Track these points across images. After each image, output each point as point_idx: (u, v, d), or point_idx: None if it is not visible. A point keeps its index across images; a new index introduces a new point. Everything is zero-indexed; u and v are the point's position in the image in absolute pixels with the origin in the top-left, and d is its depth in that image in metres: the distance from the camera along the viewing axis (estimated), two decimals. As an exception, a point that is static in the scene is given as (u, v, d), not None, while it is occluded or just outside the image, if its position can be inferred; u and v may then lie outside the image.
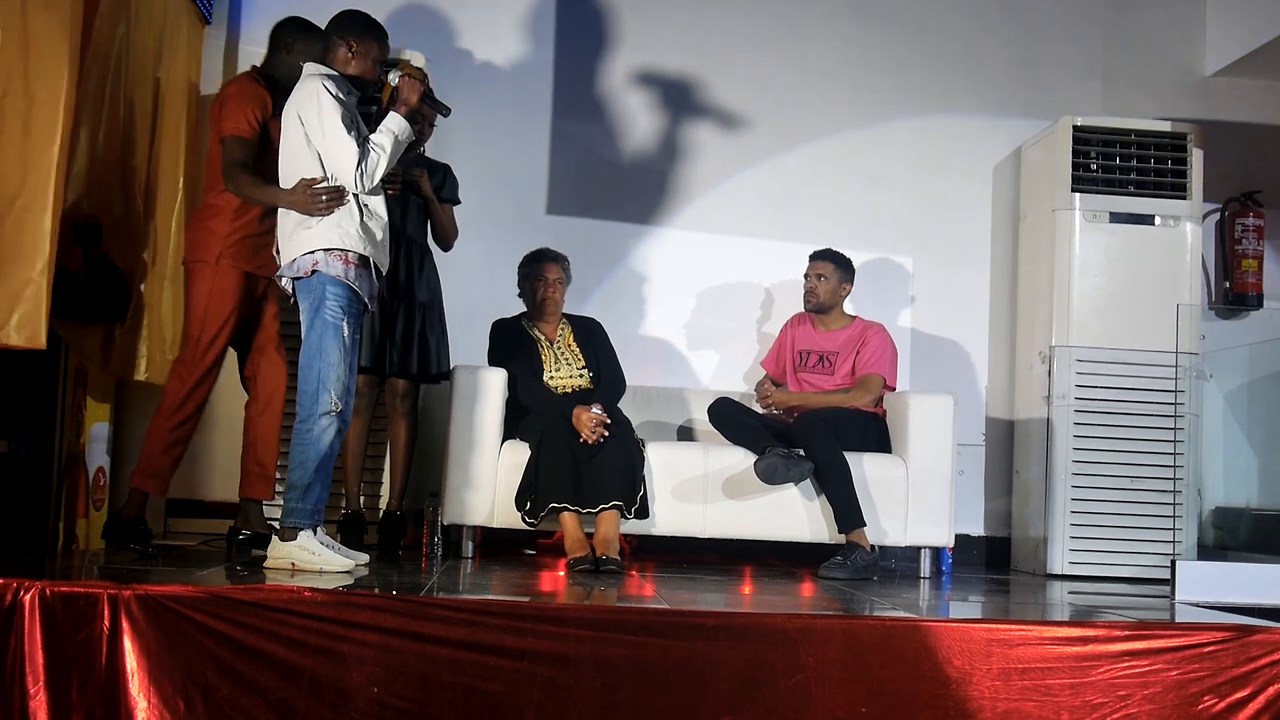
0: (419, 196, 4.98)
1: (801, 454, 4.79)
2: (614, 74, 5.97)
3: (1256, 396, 5.97)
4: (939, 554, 5.13)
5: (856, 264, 5.39)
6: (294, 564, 3.90)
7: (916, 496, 4.97)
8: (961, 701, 3.16)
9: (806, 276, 5.35)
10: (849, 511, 4.77)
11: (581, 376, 5.04)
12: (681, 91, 5.98)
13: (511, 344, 5.04)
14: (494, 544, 5.15)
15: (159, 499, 5.47)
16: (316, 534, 3.97)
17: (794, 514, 4.90)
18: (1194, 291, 5.61)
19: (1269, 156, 6.11)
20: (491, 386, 4.86)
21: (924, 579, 4.96)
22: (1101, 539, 5.45)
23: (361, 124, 4.03)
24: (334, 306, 3.91)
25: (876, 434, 5.12)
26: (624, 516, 4.59)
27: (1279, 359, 5.85)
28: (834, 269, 5.30)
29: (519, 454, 4.74)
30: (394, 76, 4.15)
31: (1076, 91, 6.10)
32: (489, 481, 4.81)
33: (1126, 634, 3.29)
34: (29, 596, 2.98)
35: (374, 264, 4.05)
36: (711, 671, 3.12)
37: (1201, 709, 3.23)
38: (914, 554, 5.10)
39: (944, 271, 6.03)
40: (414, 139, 4.43)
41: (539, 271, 5.09)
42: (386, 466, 5.11)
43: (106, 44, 4.45)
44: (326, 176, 3.95)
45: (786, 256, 5.71)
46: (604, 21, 5.99)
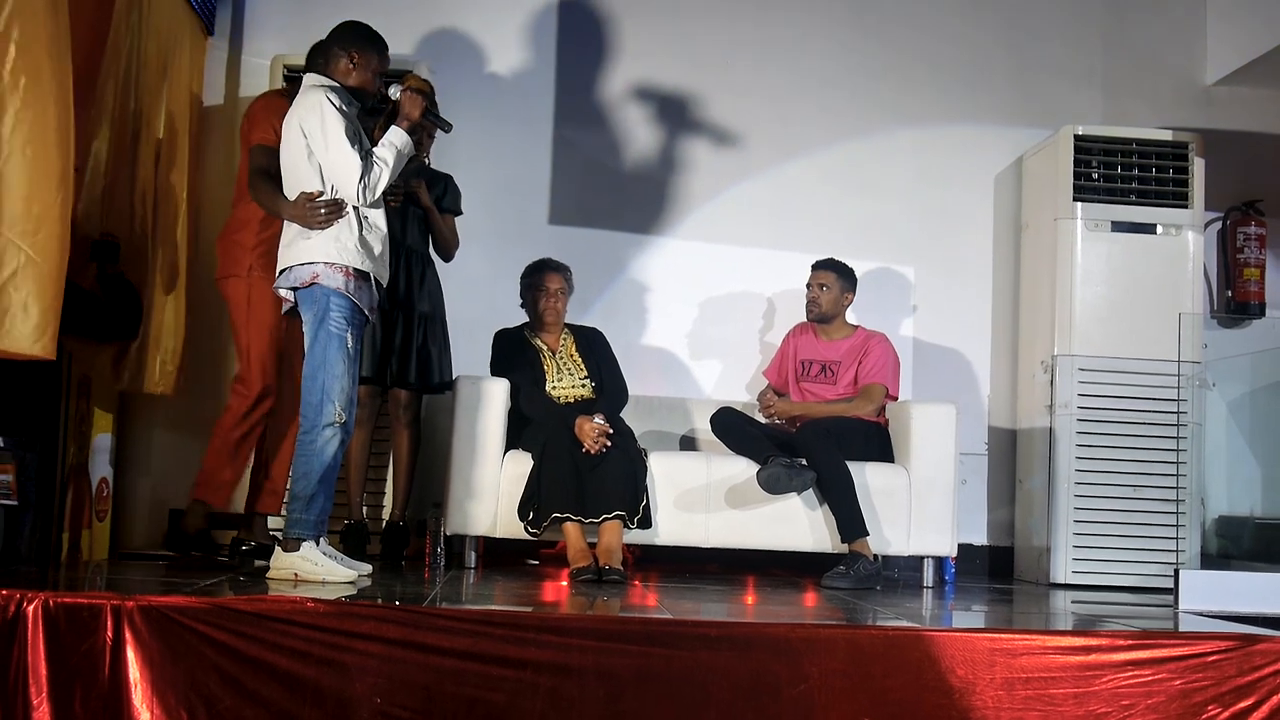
0: (418, 207, 4.98)
1: (804, 464, 4.79)
2: (616, 84, 5.98)
3: (1259, 405, 5.96)
4: (942, 563, 5.13)
5: (858, 273, 5.40)
6: (297, 574, 3.90)
7: (919, 506, 4.96)
8: (965, 711, 3.15)
9: (809, 286, 5.35)
10: (852, 521, 4.77)
11: (584, 386, 5.04)
12: (683, 102, 5.99)
13: (514, 354, 5.04)
14: (497, 554, 5.15)
15: (162, 508, 5.51)
16: (319, 544, 3.97)
17: (797, 524, 4.90)
18: (1196, 300, 5.62)
19: (1270, 165, 6.11)
20: (494, 397, 4.87)
21: (927, 588, 4.96)
22: (1105, 548, 5.44)
23: (364, 137, 4.03)
24: (338, 318, 3.92)
25: (879, 443, 5.12)
26: (627, 526, 4.59)
27: (1281, 367, 5.86)
28: (836, 279, 5.30)
29: (521, 464, 4.74)
30: (395, 90, 4.16)
31: (1077, 101, 6.10)
32: (492, 492, 4.81)
33: (1130, 643, 3.29)
34: (32, 607, 2.97)
35: (374, 277, 4.06)
36: (714, 682, 3.11)
37: (1205, 718, 3.23)
38: (917, 563, 5.10)
39: (946, 281, 6.03)
40: (414, 153, 4.44)
41: (541, 282, 5.10)
42: (389, 477, 5.10)
43: (118, 57, 4.46)
44: (326, 189, 3.96)
45: (788, 266, 5.71)
46: (606, 32, 6.00)
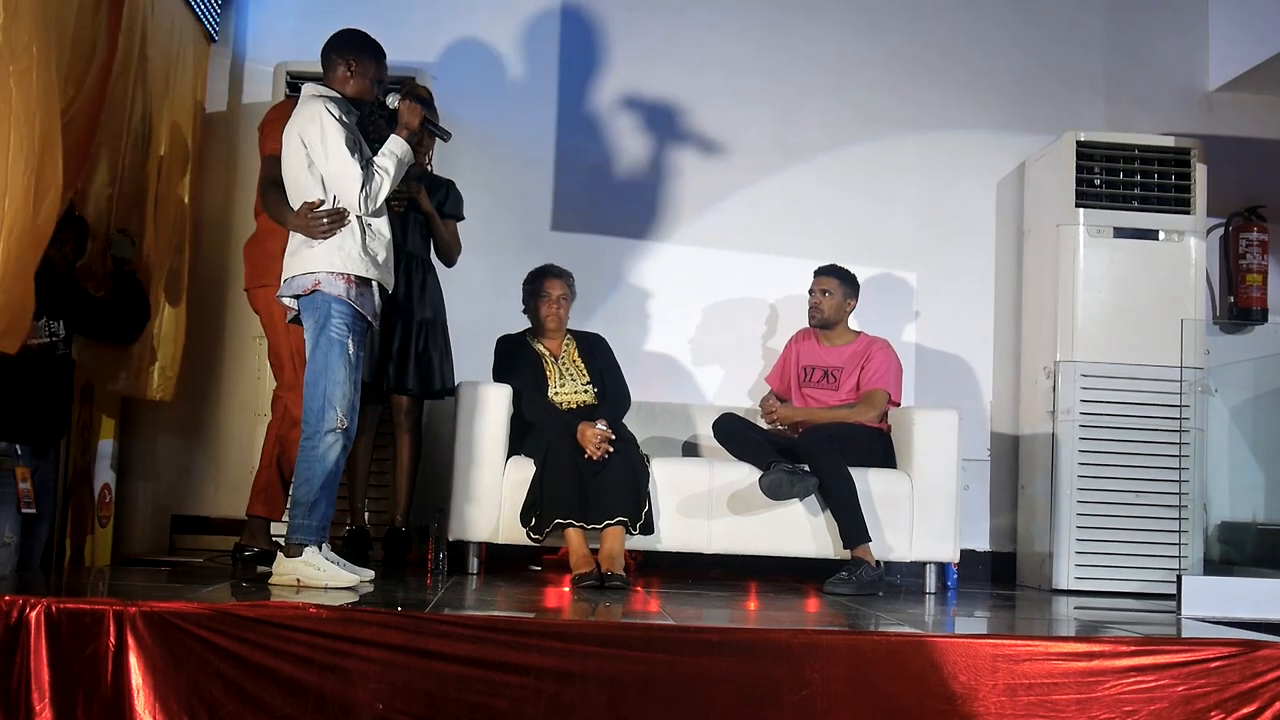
0: (419, 213, 4.97)
1: (806, 469, 4.79)
2: (618, 90, 5.98)
3: (1261, 411, 5.95)
4: (944, 569, 5.12)
5: (861, 279, 5.40)
6: (299, 580, 3.90)
7: (921, 512, 4.96)
8: (967, 717, 3.15)
9: (811, 292, 5.35)
10: (854, 527, 4.76)
11: (586, 392, 5.04)
12: (686, 108, 5.99)
13: (516, 360, 5.04)
14: (499, 560, 5.14)
15: (164, 514, 5.52)
16: (322, 550, 3.97)
17: (799, 529, 4.89)
18: (1198, 306, 5.62)
19: (1273, 171, 6.11)
20: (495, 402, 4.86)
21: (929, 594, 4.95)
22: (1107, 554, 5.43)
23: (364, 145, 4.04)
24: (339, 324, 3.92)
25: (881, 449, 5.11)
26: (629, 532, 4.58)
27: (1284, 373, 5.85)
28: (839, 284, 5.30)
29: (524, 470, 4.74)
30: (393, 100, 4.17)
31: (1080, 107, 6.10)
32: (494, 497, 4.81)
33: (1132, 649, 3.28)
34: (35, 613, 2.98)
35: (378, 284, 4.06)
36: (717, 687, 3.11)
37: (1207, 724, 3.23)
38: (919, 569, 5.10)
39: (948, 286, 6.03)
40: (413, 160, 4.44)
41: (543, 288, 5.10)
42: (391, 482, 5.10)
43: (128, 64, 4.48)
44: (328, 198, 3.96)
45: (791, 272, 5.71)
46: (609, 39, 6.01)
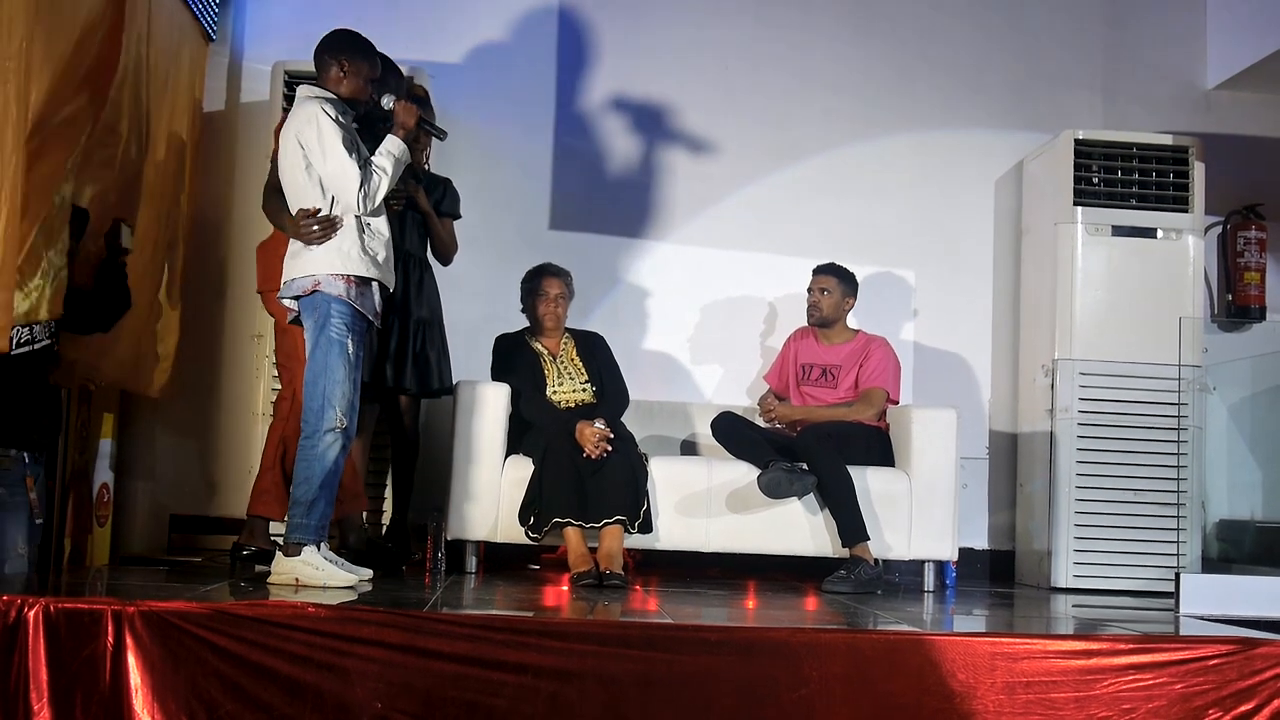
0: (416, 212, 4.96)
1: (805, 468, 4.79)
2: (616, 90, 5.98)
3: (1259, 409, 5.96)
4: (943, 568, 5.13)
5: (859, 278, 5.40)
6: (298, 579, 3.90)
7: (920, 510, 4.96)
8: (966, 715, 3.15)
9: (810, 290, 5.35)
10: (852, 525, 4.77)
11: (584, 391, 5.04)
12: (685, 107, 5.99)
13: (514, 359, 5.04)
14: (497, 559, 5.14)
15: (163, 513, 5.52)
16: (320, 549, 3.97)
17: (797, 528, 4.90)
18: (1196, 304, 5.62)
19: (1271, 169, 6.11)
20: (493, 401, 4.87)
21: (928, 593, 4.95)
22: (1105, 552, 5.44)
23: (361, 146, 4.04)
24: (338, 324, 3.92)
25: (880, 448, 5.12)
26: (628, 531, 4.59)
27: (1282, 371, 5.86)
28: (837, 283, 5.31)
29: (522, 469, 4.74)
30: (388, 101, 4.17)
31: (1078, 105, 6.11)
32: (492, 496, 4.81)
33: (1131, 647, 3.28)
34: (33, 613, 2.97)
35: (379, 283, 4.06)
36: (715, 686, 3.11)
37: (1206, 723, 3.23)
38: (918, 568, 5.10)
39: (946, 285, 6.03)
40: (410, 160, 4.44)
41: (541, 286, 5.10)
42: (390, 482, 5.10)
43: (131, 62, 4.48)
44: (326, 199, 3.96)
45: (789, 270, 5.72)
46: (607, 37, 6.01)
